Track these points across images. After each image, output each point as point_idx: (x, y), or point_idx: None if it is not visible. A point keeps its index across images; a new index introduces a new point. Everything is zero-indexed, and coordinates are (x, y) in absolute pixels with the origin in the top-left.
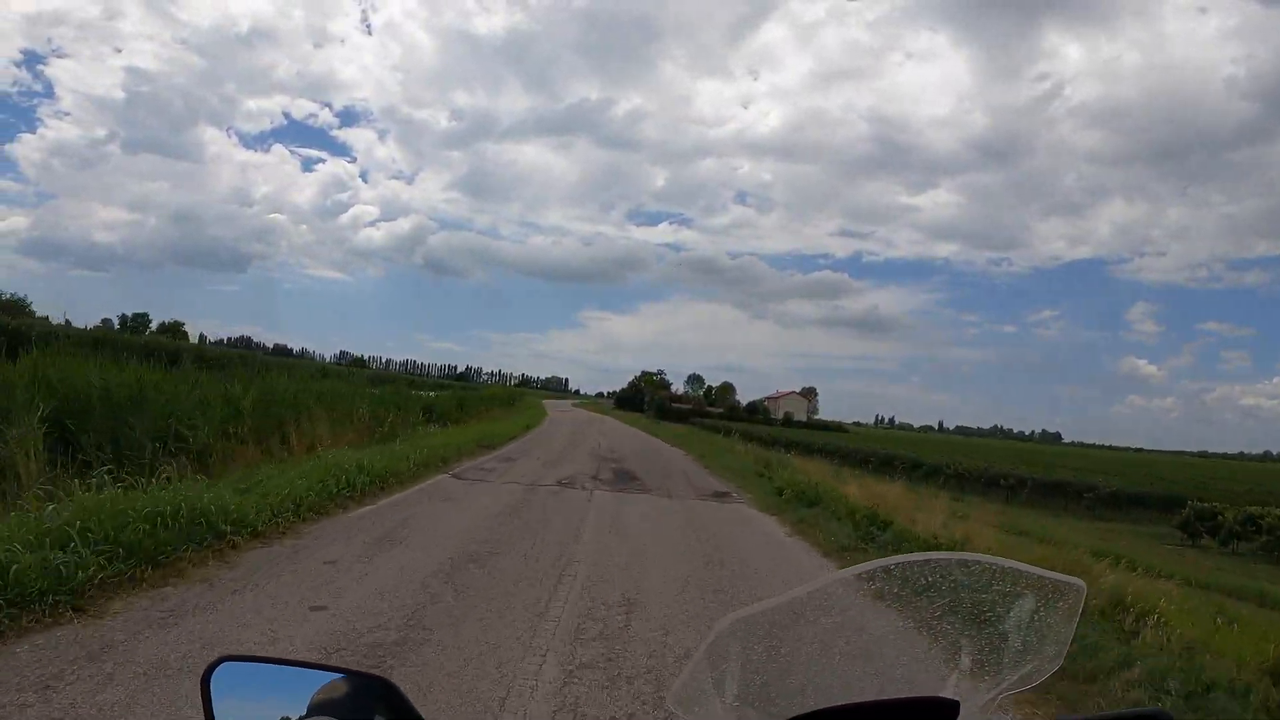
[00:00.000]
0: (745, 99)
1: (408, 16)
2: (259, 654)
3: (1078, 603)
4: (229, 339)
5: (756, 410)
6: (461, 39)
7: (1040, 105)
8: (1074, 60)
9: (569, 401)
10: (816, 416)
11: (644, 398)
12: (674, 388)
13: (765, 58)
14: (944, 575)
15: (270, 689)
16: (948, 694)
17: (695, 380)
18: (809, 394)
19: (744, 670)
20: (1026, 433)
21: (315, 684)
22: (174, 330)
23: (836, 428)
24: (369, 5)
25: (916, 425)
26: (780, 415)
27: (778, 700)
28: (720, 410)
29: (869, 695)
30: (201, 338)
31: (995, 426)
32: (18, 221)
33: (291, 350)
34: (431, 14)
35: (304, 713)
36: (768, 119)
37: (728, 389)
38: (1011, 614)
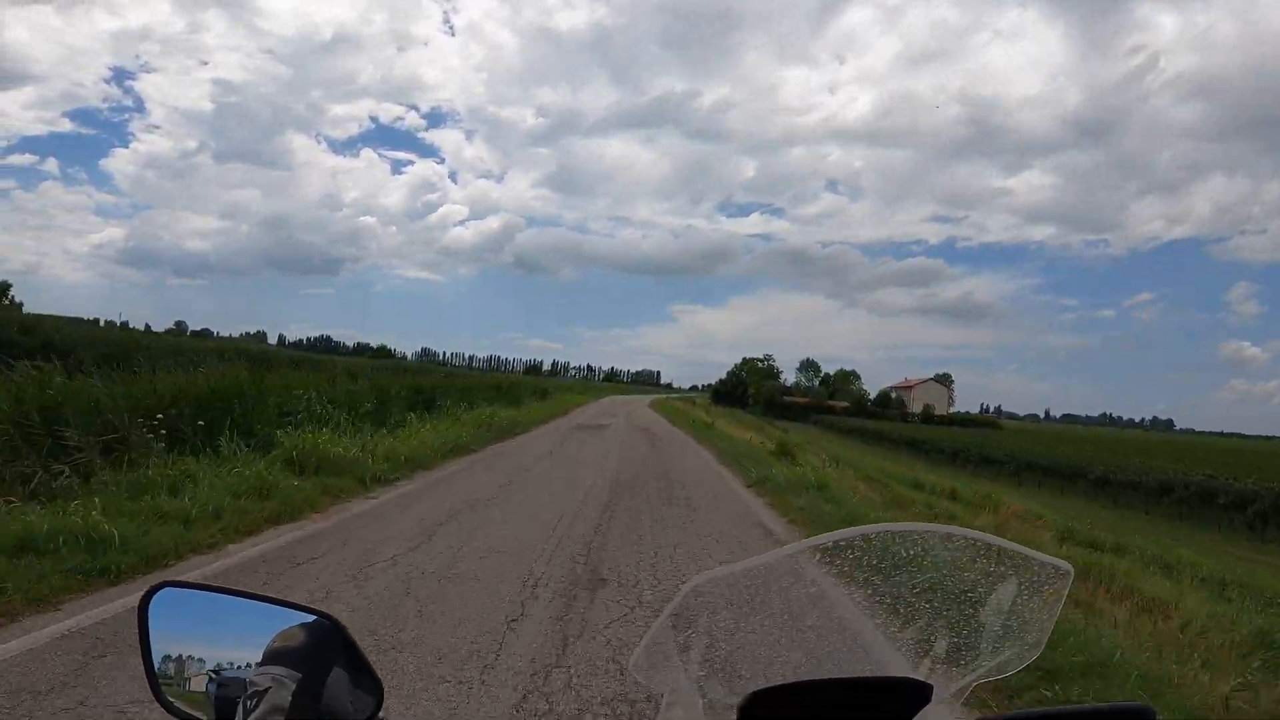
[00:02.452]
0: (832, 85)
1: (488, 16)
2: (202, 582)
3: (1063, 588)
4: (308, 339)
5: (888, 403)
6: (544, 36)
7: (1135, 79)
8: (1168, 31)
9: (647, 399)
10: (953, 409)
11: (745, 390)
12: (782, 377)
13: (850, 42)
14: (925, 549)
15: (211, 618)
16: (921, 676)
17: (809, 368)
18: (945, 381)
19: (710, 638)
20: (1137, 420)
21: (260, 616)
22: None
23: (987, 423)
24: (450, 7)
25: (1022, 414)
26: (918, 409)
27: (743, 672)
28: (845, 405)
29: (839, 672)
30: (281, 339)
31: (1104, 414)
32: (114, 233)
33: (372, 349)
34: (513, 12)
35: (246, 645)
36: (855, 104)
37: (849, 378)
38: (993, 596)
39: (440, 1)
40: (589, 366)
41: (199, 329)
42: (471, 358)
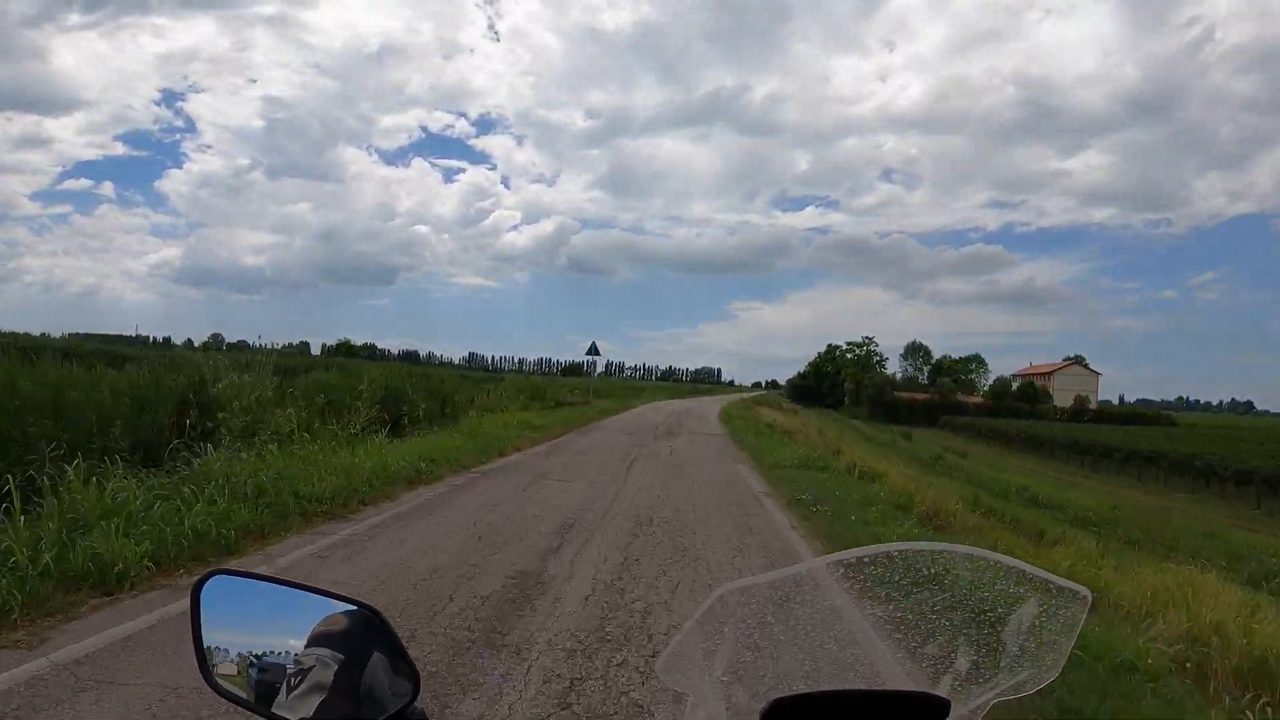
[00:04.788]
0: (883, 72)
1: (533, 19)
2: (252, 570)
3: (1081, 612)
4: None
5: (1032, 396)
6: (590, 37)
7: (1191, 52)
8: (1223, 0)
9: (715, 404)
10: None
11: (835, 385)
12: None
13: (900, 27)
14: (947, 569)
15: (259, 606)
16: (940, 692)
17: (916, 353)
18: (1085, 364)
19: (735, 645)
20: (1214, 403)
21: (305, 605)
22: None
23: (1155, 417)
24: (494, 13)
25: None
26: (1066, 401)
27: (767, 679)
28: (978, 400)
29: (860, 683)
30: (324, 348)
31: (1180, 398)
32: (171, 252)
33: (418, 355)
34: (557, 14)
35: (290, 632)
36: (908, 91)
37: (970, 366)
38: (1013, 617)
39: (484, 8)
40: (645, 365)
41: (234, 341)
42: (521, 360)
